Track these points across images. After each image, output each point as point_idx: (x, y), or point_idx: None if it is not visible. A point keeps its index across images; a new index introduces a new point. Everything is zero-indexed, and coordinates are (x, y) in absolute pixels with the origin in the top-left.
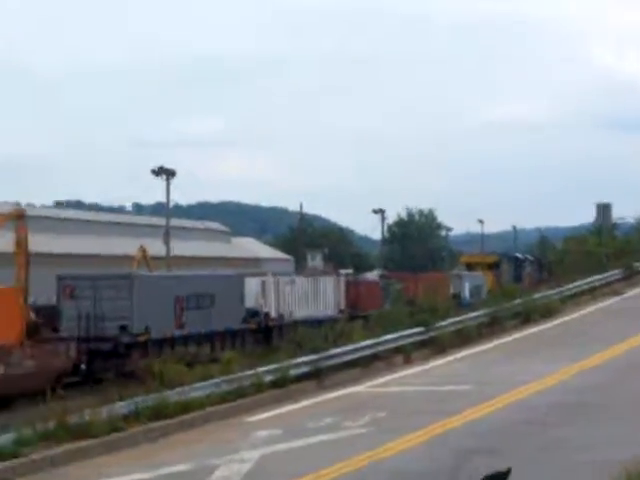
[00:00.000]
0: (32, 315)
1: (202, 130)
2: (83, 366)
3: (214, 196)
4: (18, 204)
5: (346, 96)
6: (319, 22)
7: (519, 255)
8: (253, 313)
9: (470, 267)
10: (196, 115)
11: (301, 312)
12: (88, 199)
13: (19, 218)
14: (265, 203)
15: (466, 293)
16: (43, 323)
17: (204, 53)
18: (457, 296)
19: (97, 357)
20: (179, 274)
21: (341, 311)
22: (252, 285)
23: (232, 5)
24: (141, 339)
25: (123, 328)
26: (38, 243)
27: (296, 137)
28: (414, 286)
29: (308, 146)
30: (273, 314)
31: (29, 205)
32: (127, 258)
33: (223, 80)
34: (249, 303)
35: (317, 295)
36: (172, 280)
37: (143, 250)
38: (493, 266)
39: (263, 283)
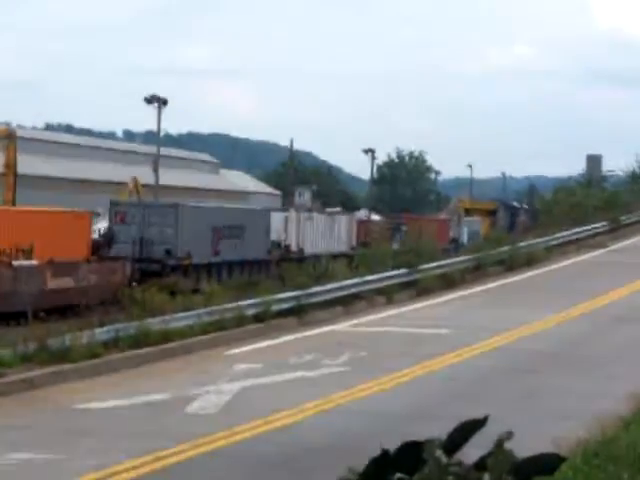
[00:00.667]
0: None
1: (197, 59)
2: (134, 283)
3: (205, 127)
4: (8, 124)
5: (345, 35)
6: None
7: (515, 204)
8: (276, 245)
9: (469, 212)
10: (192, 44)
11: (318, 246)
12: (79, 123)
13: (8, 138)
14: (256, 137)
15: (464, 238)
16: (102, 243)
17: None
18: (456, 240)
19: (146, 276)
20: (217, 206)
21: (353, 248)
22: (276, 220)
23: None
24: (184, 263)
25: (168, 252)
26: (27, 165)
27: (292, 71)
28: (417, 228)
29: (304, 81)
30: (293, 247)
31: (19, 126)
32: (116, 185)
33: (219, 9)
34: (273, 236)
35: (332, 232)
36: (211, 211)
37: (135, 181)
38: (491, 213)
39: (286, 218)
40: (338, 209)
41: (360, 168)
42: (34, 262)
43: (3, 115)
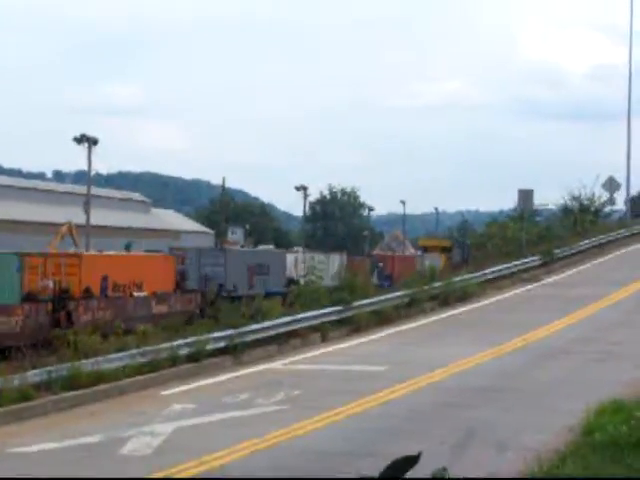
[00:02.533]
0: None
1: (125, 99)
2: (198, 310)
3: (135, 166)
4: None
5: (277, 72)
6: None
7: (467, 241)
8: (290, 280)
9: (426, 249)
10: (119, 83)
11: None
12: (7, 164)
13: None
14: (187, 175)
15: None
16: (180, 280)
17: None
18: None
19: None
20: (250, 250)
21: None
22: (288, 259)
23: None
24: (232, 294)
25: (221, 286)
26: None
27: (224, 111)
28: (392, 265)
29: (232, 120)
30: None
31: None
32: (48, 225)
33: (147, 48)
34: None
35: (328, 267)
36: (247, 254)
37: (69, 225)
38: (447, 250)
39: (296, 258)
40: (271, 246)
41: (293, 205)
42: (145, 293)
43: None
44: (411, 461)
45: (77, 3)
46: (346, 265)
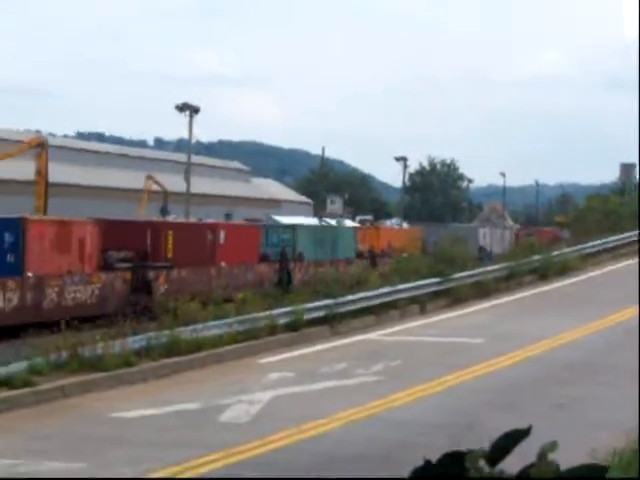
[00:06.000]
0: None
1: (227, 68)
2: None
3: (235, 135)
4: (39, 132)
5: (380, 43)
6: None
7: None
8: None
9: (562, 226)
10: (220, 52)
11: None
12: (110, 132)
13: (40, 147)
14: (286, 145)
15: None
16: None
17: None
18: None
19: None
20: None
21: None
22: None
23: None
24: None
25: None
26: (58, 173)
27: (325, 79)
28: (538, 238)
29: (336, 89)
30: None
31: (50, 134)
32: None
33: (247, 16)
34: None
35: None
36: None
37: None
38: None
39: (484, 232)
40: (369, 217)
41: (392, 176)
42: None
43: (35, 123)
44: (522, 435)
45: None
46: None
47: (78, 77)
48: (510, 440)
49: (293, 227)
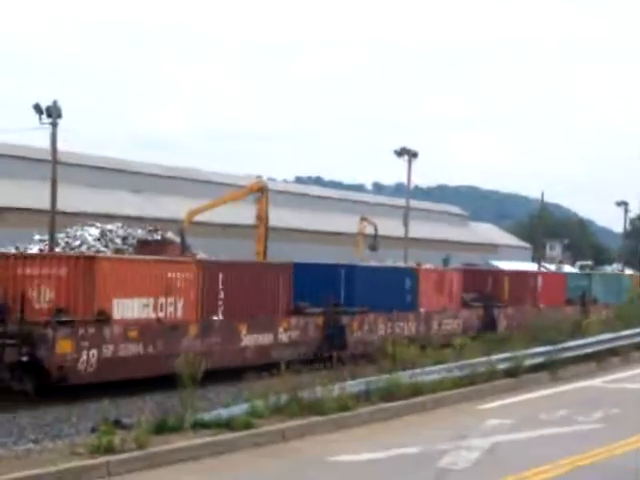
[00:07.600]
0: None
1: (446, 113)
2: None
3: (453, 179)
4: (260, 177)
5: (595, 81)
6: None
7: None
8: None
9: None
10: (441, 97)
11: None
12: (329, 176)
13: (261, 191)
14: (504, 189)
15: None
16: None
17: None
18: None
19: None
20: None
21: None
22: None
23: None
24: None
25: None
26: (278, 217)
27: (540, 124)
28: None
29: (549, 132)
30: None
31: (270, 179)
32: (366, 237)
33: (468, 63)
34: None
35: None
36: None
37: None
38: None
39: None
40: (589, 262)
41: (613, 221)
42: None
43: (258, 168)
44: None
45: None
46: None
47: (301, 123)
48: None
49: (589, 275)
